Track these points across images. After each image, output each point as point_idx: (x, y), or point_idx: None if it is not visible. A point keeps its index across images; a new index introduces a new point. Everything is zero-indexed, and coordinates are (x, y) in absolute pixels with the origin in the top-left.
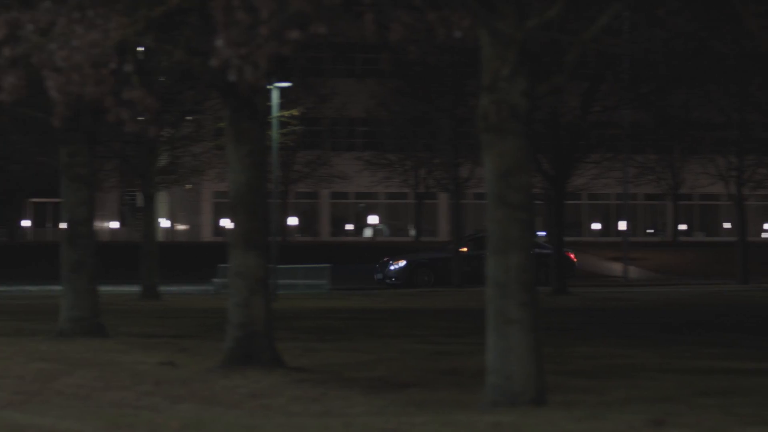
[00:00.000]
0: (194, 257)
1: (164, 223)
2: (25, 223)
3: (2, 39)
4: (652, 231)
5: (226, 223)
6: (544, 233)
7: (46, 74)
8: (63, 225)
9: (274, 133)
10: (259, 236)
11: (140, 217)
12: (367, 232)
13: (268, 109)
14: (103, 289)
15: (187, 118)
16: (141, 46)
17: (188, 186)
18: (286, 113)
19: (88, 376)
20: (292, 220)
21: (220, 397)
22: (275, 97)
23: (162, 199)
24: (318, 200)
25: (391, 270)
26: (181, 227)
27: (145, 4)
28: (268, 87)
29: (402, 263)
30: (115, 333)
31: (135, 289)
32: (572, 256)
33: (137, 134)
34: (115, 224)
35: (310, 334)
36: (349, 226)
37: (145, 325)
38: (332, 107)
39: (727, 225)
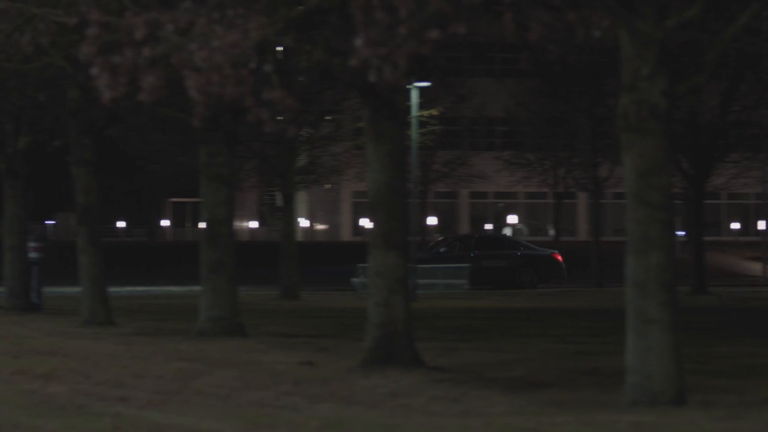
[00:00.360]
0: (333, 257)
1: (303, 222)
2: (165, 222)
3: (142, 39)
4: None
5: (366, 222)
6: (683, 233)
7: (186, 74)
8: (202, 225)
9: (414, 132)
10: (398, 236)
11: (280, 217)
12: (507, 232)
13: (408, 108)
14: (243, 289)
15: (327, 117)
16: (281, 46)
17: (327, 186)
18: (425, 113)
19: (227, 375)
20: (432, 220)
21: (360, 396)
22: (414, 97)
23: (301, 198)
24: (457, 200)
25: None
26: (320, 227)
27: (285, 3)
28: (408, 87)
29: None
30: (255, 333)
31: (274, 289)
32: (559, 257)
33: (277, 134)
34: (254, 224)
35: (449, 334)
36: (488, 226)
37: (285, 325)
38: (471, 107)
39: None
